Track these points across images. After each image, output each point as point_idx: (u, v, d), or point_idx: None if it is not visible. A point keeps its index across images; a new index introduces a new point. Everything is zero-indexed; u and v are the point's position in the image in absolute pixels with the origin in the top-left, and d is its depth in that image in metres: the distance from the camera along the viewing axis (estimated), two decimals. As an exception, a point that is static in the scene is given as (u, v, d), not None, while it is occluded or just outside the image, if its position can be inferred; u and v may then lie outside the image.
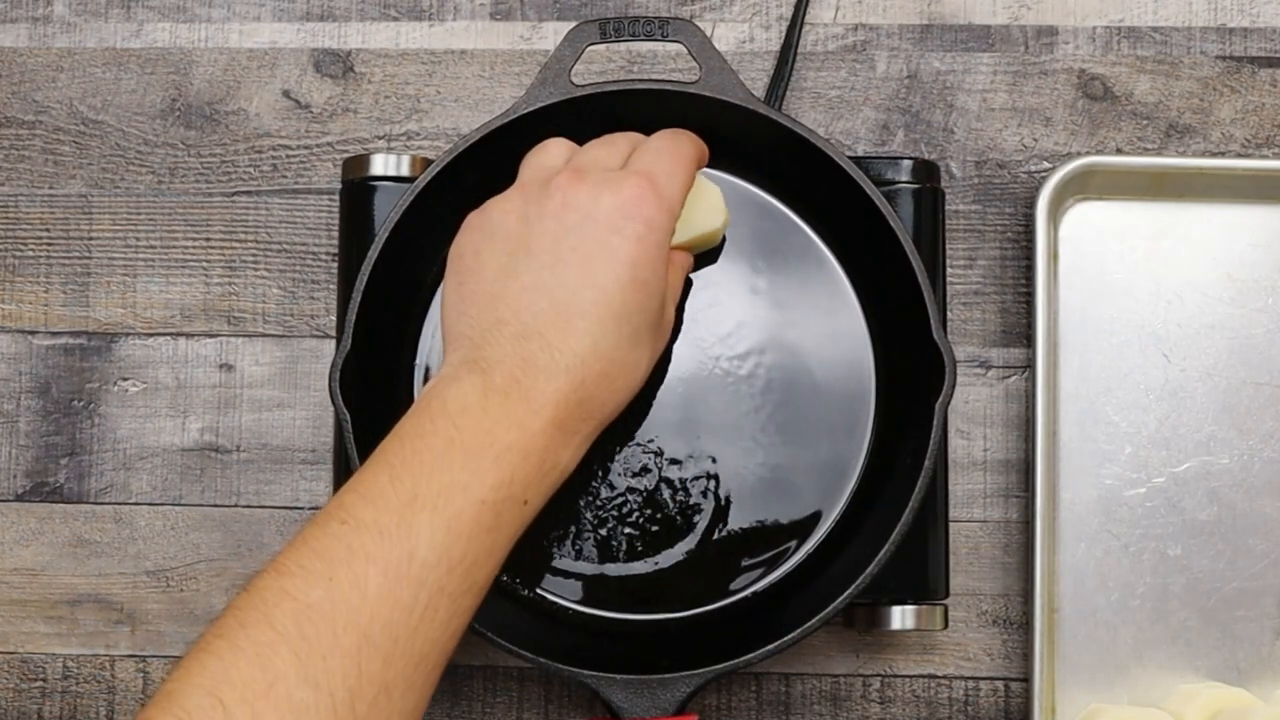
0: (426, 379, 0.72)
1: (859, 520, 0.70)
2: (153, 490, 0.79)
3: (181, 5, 0.82)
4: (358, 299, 0.68)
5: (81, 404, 0.80)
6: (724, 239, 0.71)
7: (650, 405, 0.70)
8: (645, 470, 0.70)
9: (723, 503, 0.70)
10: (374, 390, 0.70)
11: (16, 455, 0.79)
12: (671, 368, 0.71)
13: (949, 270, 0.77)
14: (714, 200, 0.69)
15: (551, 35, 0.80)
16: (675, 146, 0.65)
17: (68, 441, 0.79)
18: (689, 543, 0.70)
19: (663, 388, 0.70)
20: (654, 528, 0.70)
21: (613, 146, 0.66)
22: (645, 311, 0.62)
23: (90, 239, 0.80)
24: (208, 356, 0.80)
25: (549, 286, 0.61)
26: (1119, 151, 0.79)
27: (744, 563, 0.70)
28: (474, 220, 0.65)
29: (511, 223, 0.63)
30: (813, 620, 0.66)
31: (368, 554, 0.54)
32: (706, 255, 0.71)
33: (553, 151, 0.66)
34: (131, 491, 0.79)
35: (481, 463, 0.57)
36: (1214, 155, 0.79)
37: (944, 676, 0.77)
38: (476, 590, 0.58)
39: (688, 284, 0.71)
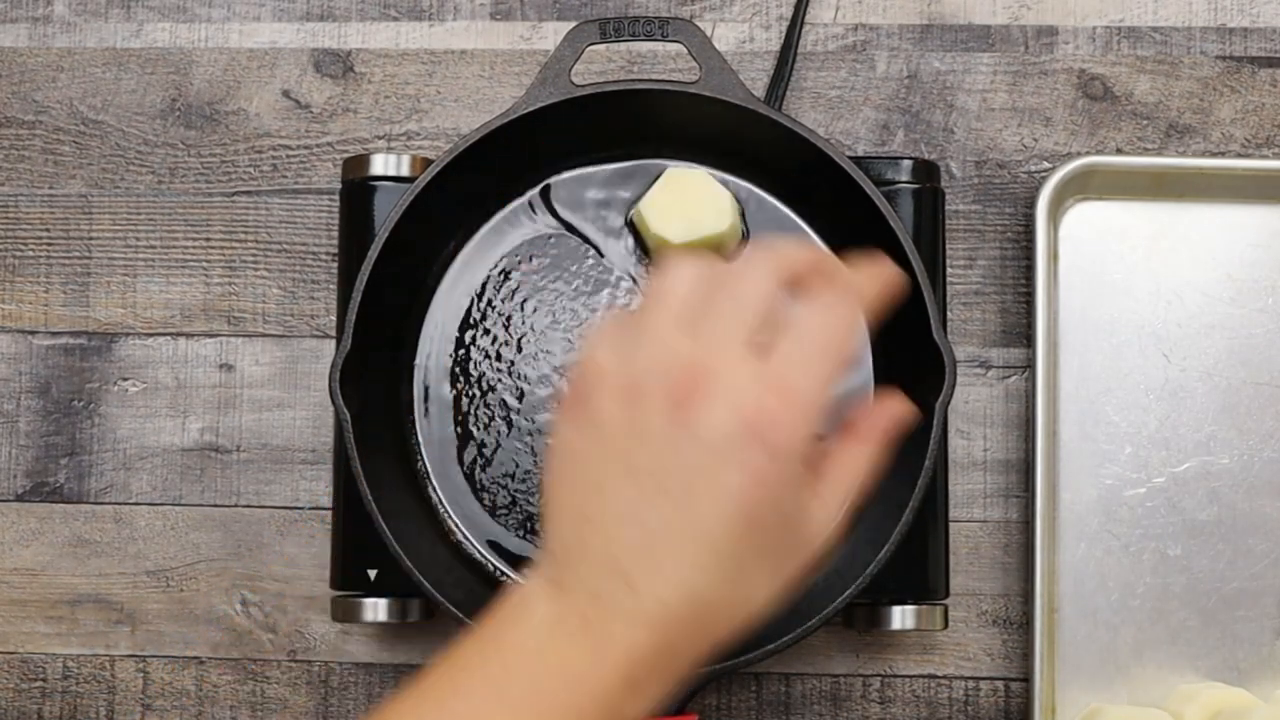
0: (427, 379, 0.72)
1: (859, 520, 0.70)
2: (153, 490, 0.79)
3: (181, 5, 0.82)
4: (358, 299, 0.68)
5: (81, 404, 0.80)
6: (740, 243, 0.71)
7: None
8: (645, 470, 0.70)
9: (723, 503, 0.70)
10: (374, 390, 0.70)
11: (16, 455, 0.79)
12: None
13: (949, 270, 0.77)
14: (723, 204, 0.68)
15: (551, 35, 0.80)
16: (826, 329, 0.52)
17: (68, 441, 0.79)
18: (689, 543, 0.70)
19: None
20: (654, 528, 0.70)
21: (742, 301, 0.52)
22: (763, 549, 0.51)
23: (90, 239, 0.80)
24: (208, 356, 0.80)
25: (642, 518, 0.50)
26: (1119, 151, 0.79)
27: (744, 563, 0.70)
28: (573, 405, 0.53)
29: (615, 426, 0.51)
30: (813, 620, 0.66)
31: None
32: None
33: (685, 278, 0.53)
34: (131, 491, 0.79)
35: None
36: (1214, 155, 0.79)
37: (944, 676, 0.77)
38: None
39: None
